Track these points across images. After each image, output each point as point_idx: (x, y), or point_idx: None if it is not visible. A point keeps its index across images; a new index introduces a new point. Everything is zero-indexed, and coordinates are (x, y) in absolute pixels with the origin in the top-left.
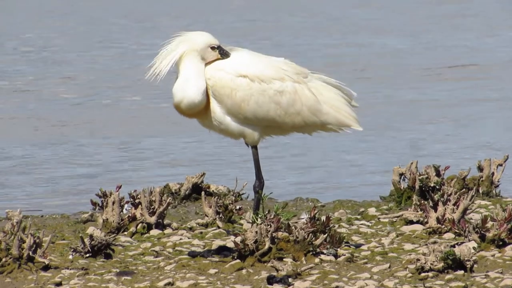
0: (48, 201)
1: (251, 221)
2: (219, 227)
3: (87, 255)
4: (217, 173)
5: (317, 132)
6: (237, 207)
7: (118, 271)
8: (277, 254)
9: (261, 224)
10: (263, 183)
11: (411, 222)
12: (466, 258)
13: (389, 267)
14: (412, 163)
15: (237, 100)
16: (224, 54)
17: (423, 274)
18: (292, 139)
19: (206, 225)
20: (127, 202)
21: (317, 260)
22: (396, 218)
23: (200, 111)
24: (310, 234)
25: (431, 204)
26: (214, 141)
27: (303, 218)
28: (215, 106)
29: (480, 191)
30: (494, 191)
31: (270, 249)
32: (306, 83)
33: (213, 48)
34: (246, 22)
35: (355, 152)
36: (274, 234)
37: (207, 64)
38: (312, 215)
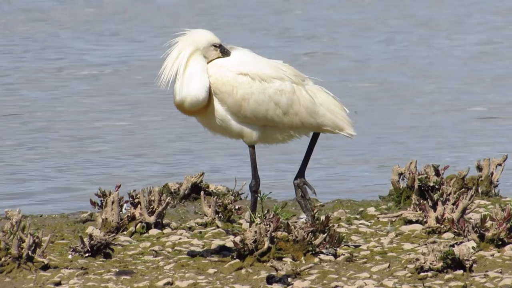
0: (48, 200)
1: (250, 221)
2: (218, 227)
3: (87, 254)
4: (217, 173)
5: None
6: (236, 207)
7: (117, 270)
8: (276, 253)
9: (260, 223)
10: (259, 182)
11: (410, 222)
12: (465, 258)
13: (389, 266)
14: (411, 162)
15: (237, 98)
16: (225, 53)
17: (422, 274)
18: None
19: (205, 225)
20: (126, 202)
21: (316, 259)
22: (395, 218)
23: (201, 109)
24: (310, 233)
25: (430, 203)
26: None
27: (302, 218)
28: (216, 104)
29: (479, 191)
30: (493, 191)
31: (269, 248)
32: (304, 85)
33: (215, 46)
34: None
35: (355, 152)
36: (273, 234)
37: (208, 62)
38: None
